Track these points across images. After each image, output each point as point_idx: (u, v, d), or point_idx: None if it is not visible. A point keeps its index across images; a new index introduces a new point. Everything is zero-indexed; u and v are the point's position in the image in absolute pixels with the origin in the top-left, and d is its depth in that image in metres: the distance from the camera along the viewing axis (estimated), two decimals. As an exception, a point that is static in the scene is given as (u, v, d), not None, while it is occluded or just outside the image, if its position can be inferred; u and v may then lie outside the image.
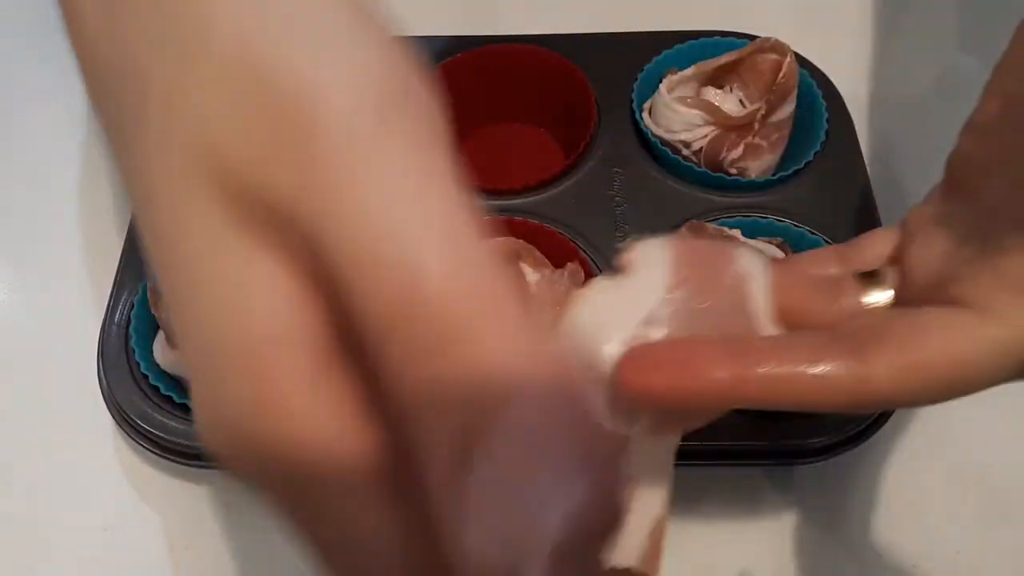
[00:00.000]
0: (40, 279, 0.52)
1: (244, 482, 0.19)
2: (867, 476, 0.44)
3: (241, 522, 0.44)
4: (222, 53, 0.18)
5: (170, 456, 0.42)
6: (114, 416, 0.43)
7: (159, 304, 0.43)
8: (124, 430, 0.43)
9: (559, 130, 0.53)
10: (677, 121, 0.48)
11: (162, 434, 0.41)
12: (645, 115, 0.50)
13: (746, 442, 0.41)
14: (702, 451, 0.41)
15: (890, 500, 0.43)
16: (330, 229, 0.18)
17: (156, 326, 0.44)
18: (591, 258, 0.45)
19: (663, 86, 0.49)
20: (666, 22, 0.54)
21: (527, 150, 0.53)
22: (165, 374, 0.43)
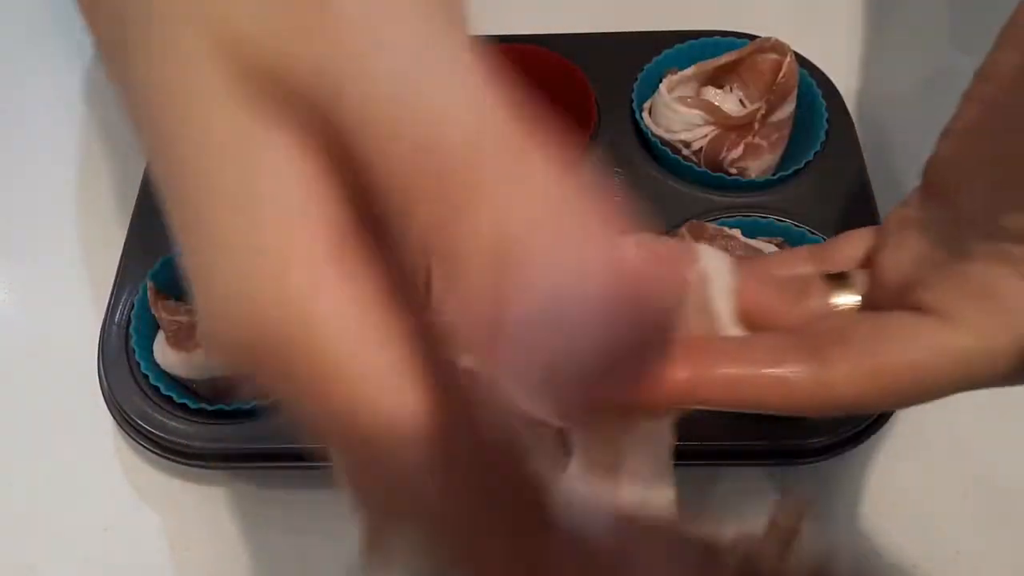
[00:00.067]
0: (40, 279, 0.52)
1: (253, 374, 0.19)
2: (867, 476, 0.44)
3: (241, 522, 0.43)
4: None
5: (170, 456, 0.42)
6: (114, 416, 0.43)
7: (159, 304, 0.43)
8: (124, 430, 0.43)
9: (559, 130, 0.53)
10: (677, 121, 0.48)
11: (162, 434, 0.41)
12: (645, 115, 0.50)
13: (746, 442, 0.41)
14: (702, 451, 0.41)
15: (890, 500, 0.43)
16: (351, 95, 0.17)
17: (156, 326, 0.44)
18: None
19: (663, 86, 0.49)
20: (666, 22, 0.54)
21: (527, 150, 0.53)
22: (165, 374, 0.43)
